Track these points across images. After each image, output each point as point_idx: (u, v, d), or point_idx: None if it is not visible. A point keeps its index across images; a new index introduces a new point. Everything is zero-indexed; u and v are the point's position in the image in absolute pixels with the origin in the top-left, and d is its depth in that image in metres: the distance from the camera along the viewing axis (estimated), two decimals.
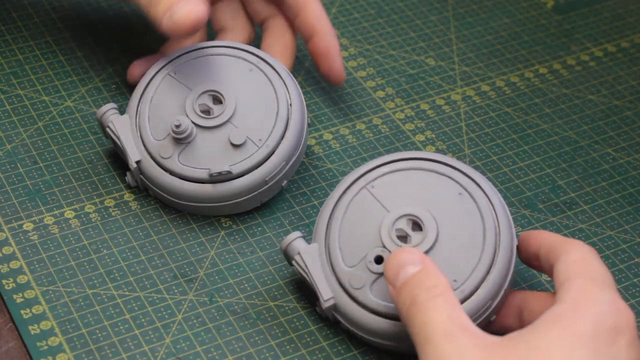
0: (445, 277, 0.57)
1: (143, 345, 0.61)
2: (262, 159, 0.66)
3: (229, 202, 0.66)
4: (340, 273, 0.61)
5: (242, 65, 0.68)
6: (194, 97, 0.67)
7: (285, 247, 0.63)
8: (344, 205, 0.63)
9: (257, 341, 0.62)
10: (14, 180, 0.69)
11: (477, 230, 0.61)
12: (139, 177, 0.67)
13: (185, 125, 0.65)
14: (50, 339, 0.61)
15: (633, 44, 0.83)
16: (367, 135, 0.74)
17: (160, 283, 0.64)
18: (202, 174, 0.66)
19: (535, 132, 0.75)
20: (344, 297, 0.61)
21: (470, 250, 0.60)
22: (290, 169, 0.68)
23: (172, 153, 0.66)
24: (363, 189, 0.63)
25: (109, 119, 0.68)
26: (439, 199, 0.62)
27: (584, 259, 0.57)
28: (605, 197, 0.71)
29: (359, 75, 0.78)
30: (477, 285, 0.59)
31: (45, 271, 0.64)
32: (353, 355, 0.62)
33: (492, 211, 0.61)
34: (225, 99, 0.67)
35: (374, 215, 0.62)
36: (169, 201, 0.67)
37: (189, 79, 0.68)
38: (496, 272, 0.60)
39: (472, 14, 0.84)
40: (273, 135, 0.66)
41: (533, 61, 0.81)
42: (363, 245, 0.61)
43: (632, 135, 0.76)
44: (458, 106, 0.77)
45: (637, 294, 0.66)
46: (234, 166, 0.65)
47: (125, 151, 0.67)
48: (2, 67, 0.76)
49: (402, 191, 0.62)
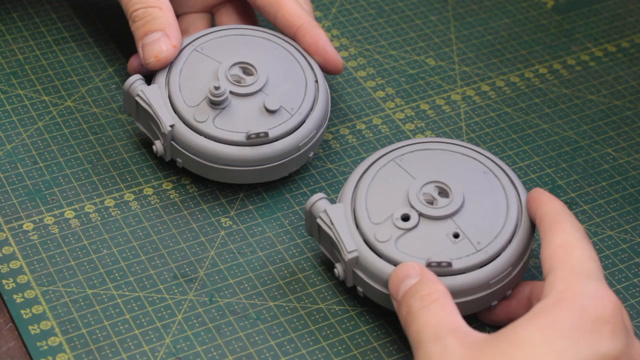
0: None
1: (143, 345, 0.61)
2: (295, 125, 0.68)
3: (262, 166, 0.67)
4: (366, 227, 0.62)
5: (267, 44, 0.71)
6: (226, 67, 0.69)
7: (310, 206, 0.63)
8: (372, 173, 0.64)
9: (257, 341, 0.62)
10: (14, 180, 0.69)
11: (500, 202, 0.63)
12: (170, 144, 0.68)
13: (224, 88, 0.67)
14: (50, 339, 0.61)
15: (633, 44, 0.83)
16: (367, 135, 0.74)
17: (160, 283, 0.64)
18: (239, 137, 0.67)
19: (535, 132, 0.75)
20: (367, 251, 0.61)
21: (494, 218, 0.62)
22: (318, 140, 0.69)
23: (207, 117, 0.67)
24: (391, 161, 0.65)
25: (137, 88, 0.68)
26: (465, 175, 0.64)
27: (566, 245, 0.57)
28: (605, 197, 0.71)
29: (359, 75, 0.78)
30: (501, 249, 0.61)
31: (45, 271, 0.64)
32: (353, 356, 0.62)
33: (515, 191, 0.63)
34: (256, 70, 0.69)
35: (401, 181, 0.63)
36: (199, 166, 0.68)
37: (216, 54, 0.70)
38: (519, 239, 0.61)
39: (472, 14, 0.84)
40: (304, 105, 0.68)
41: (533, 61, 0.81)
42: (390, 206, 0.62)
43: (632, 135, 0.76)
44: (458, 106, 0.77)
45: (637, 294, 0.66)
46: (270, 130, 0.67)
47: (158, 116, 0.67)
48: (2, 67, 0.76)
49: (429, 165, 0.64)
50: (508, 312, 0.62)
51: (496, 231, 0.61)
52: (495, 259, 0.61)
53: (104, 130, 0.72)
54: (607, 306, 0.54)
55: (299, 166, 0.69)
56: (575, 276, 0.55)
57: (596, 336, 0.53)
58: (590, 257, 0.57)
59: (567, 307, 0.54)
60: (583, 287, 0.55)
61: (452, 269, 0.60)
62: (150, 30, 0.70)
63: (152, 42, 0.69)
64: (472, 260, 0.60)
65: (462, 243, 0.61)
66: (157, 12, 0.70)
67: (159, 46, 0.69)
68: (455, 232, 0.61)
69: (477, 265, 0.60)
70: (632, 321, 0.64)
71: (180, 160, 0.68)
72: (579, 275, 0.56)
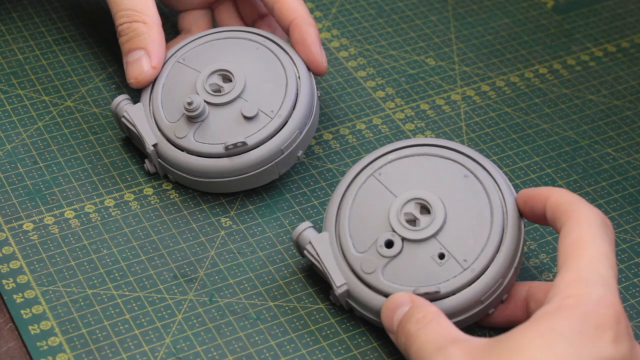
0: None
1: (143, 345, 0.61)
2: (275, 129, 0.67)
3: (247, 174, 0.67)
4: (352, 259, 0.61)
5: (248, 45, 0.70)
6: (203, 77, 0.68)
7: (297, 237, 0.63)
8: (352, 193, 0.63)
9: (257, 341, 0.62)
10: (14, 180, 0.69)
11: (484, 210, 0.61)
12: (157, 161, 0.68)
13: (197, 103, 0.66)
14: (50, 339, 0.61)
15: (633, 44, 0.83)
16: (367, 135, 0.74)
17: (160, 283, 0.64)
18: (218, 148, 0.66)
19: (535, 132, 0.75)
20: (356, 283, 0.61)
21: (478, 230, 0.61)
22: (305, 139, 0.68)
23: (187, 132, 0.67)
24: (370, 176, 0.64)
25: (123, 109, 0.69)
26: (445, 182, 0.62)
27: (579, 241, 0.56)
28: (605, 197, 0.71)
29: (359, 75, 0.78)
30: (488, 264, 0.60)
31: (45, 271, 0.64)
32: (353, 356, 0.62)
33: (498, 191, 0.62)
34: (234, 77, 0.68)
35: (382, 201, 0.62)
36: (188, 181, 0.68)
37: (197, 63, 0.69)
38: (505, 250, 0.60)
39: (472, 14, 0.84)
40: (284, 106, 0.67)
41: (533, 61, 0.81)
42: (373, 231, 0.62)
43: (632, 135, 0.76)
44: (458, 106, 0.77)
45: (637, 294, 0.66)
46: (248, 138, 0.66)
47: (142, 136, 0.67)
48: (2, 67, 0.76)
49: (408, 177, 0.63)
50: (506, 315, 0.62)
51: (482, 244, 0.60)
52: (482, 274, 0.60)
53: (104, 130, 0.73)
54: (610, 313, 0.54)
55: (289, 167, 0.69)
56: (580, 281, 0.55)
57: (598, 341, 0.53)
58: (602, 255, 0.56)
59: (569, 313, 0.54)
60: (587, 293, 0.54)
61: (441, 294, 0.60)
62: (132, 48, 0.69)
63: (134, 62, 0.69)
64: (460, 280, 0.60)
65: (448, 263, 0.60)
66: (141, 28, 0.69)
67: (139, 67, 0.69)
68: (440, 253, 0.60)
69: (465, 284, 0.60)
70: (632, 321, 0.64)
71: (171, 176, 0.69)
72: (585, 280, 0.55)
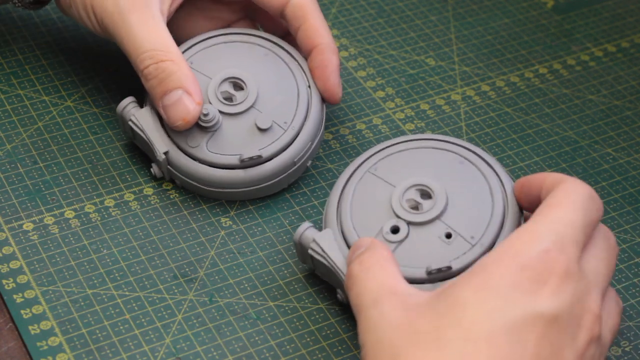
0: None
1: (143, 345, 0.61)
2: (289, 141, 0.67)
3: (259, 185, 0.67)
4: None
5: (257, 50, 0.70)
6: (215, 85, 0.67)
7: (299, 238, 0.63)
8: (351, 190, 0.64)
9: (257, 341, 0.62)
10: (14, 180, 0.69)
11: (484, 190, 0.62)
12: (166, 168, 0.68)
13: (213, 114, 0.66)
14: (50, 339, 0.61)
15: (633, 44, 0.83)
16: (367, 135, 0.74)
17: (160, 283, 0.64)
18: (233, 160, 0.66)
19: (535, 132, 0.75)
20: None
21: (481, 207, 0.61)
22: (315, 149, 0.69)
23: (199, 142, 0.67)
24: (366, 173, 0.64)
25: (130, 113, 0.68)
26: (442, 169, 0.63)
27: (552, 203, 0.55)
28: (605, 197, 0.71)
29: (359, 75, 0.78)
30: (495, 238, 0.61)
31: (45, 271, 0.64)
32: (353, 356, 0.62)
33: (494, 174, 0.63)
34: (246, 85, 0.67)
35: (382, 192, 0.63)
36: (198, 189, 0.68)
37: (206, 68, 0.68)
38: (509, 225, 0.61)
39: (472, 14, 0.84)
40: (297, 118, 0.67)
41: (533, 61, 0.81)
42: (377, 221, 0.62)
43: (632, 135, 0.76)
44: (458, 106, 0.77)
45: (637, 294, 0.66)
46: (263, 150, 0.66)
47: (152, 143, 0.67)
48: (2, 67, 0.76)
49: (405, 168, 0.64)
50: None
51: (486, 220, 0.61)
52: (490, 249, 0.60)
53: (104, 130, 0.73)
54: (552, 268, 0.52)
55: (298, 177, 0.69)
56: (530, 234, 0.54)
57: (533, 296, 0.52)
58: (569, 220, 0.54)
59: (505, 264, 0.53)
60: (530, 246, 0.53)
61: (453, 271, 0.60)
62: (168, 89, 0.65)
63: (175, 103, 0.65)
64: (470, 256, 0.60)
65: (456, 242, 0.61)
66: (170, 67, 0.66)
67: (184, 107, 0.65)
68: (447, 232, 0.61)
69: (475, 259, 0.60)
70: (632, 321, 0.64)
71: (178, 182, 0.68)
72: (536, 234, 0.54)
